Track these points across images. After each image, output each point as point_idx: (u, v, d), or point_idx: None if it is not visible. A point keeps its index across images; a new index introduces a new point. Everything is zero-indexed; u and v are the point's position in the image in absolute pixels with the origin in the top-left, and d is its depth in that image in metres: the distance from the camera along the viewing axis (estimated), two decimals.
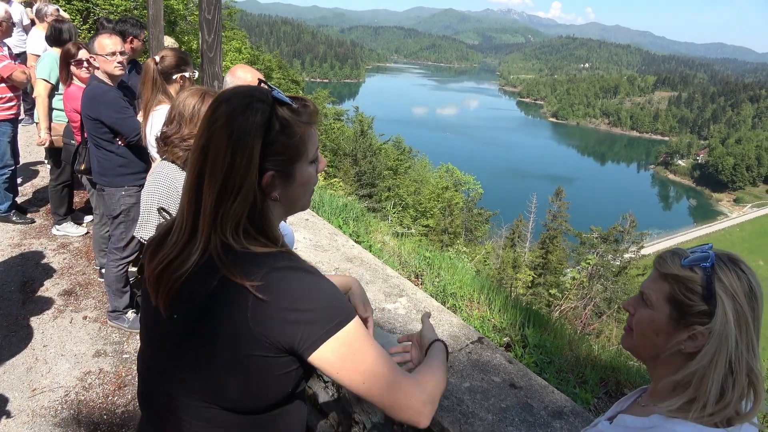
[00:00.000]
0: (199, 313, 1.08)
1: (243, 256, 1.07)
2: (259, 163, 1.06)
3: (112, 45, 3.53)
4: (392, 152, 40.19)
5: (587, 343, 4.08)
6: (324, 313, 1.06)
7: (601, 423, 1.24)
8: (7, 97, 4.83)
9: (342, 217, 5.03)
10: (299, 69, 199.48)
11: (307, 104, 1.15)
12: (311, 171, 1.18)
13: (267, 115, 1.07)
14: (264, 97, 1.09)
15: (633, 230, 34.82)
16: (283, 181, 1.12)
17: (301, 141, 1.12)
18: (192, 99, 2.32)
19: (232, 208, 1.06)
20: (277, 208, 1.16)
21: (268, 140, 1.07)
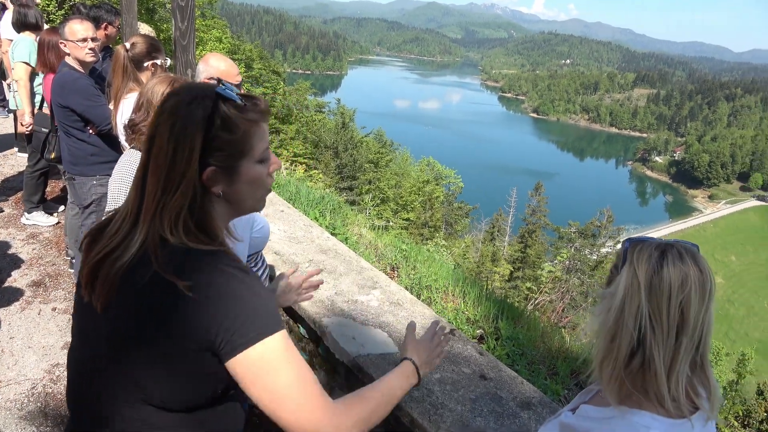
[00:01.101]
0: (129, 307, 1.07)
1: (178, 251, 1.06)
2: (201, 158, 1.07)
3: (83, 31, 3.45)
4: (373, 145, 40.13)
5: (560, 336, 4.13)
6: (248, 321, 1.04)
7: (564, 413, 1.26)
8: None
9: (318, 209, 5.00)
10: (281, 60, 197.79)
11: (257, 102, 1.15)
12: (259, 170, 1.17)
13: (209, 110, 1.07)
14: (209, 92, 1.10)
15: (610, 225, 35.32)
16: (227, 178, 1.12)
17: (244, 137, 1.11)
18: (160, 86, 2.28)
19: (172, 200, 1.06)
20: (221, 206, 1.15)
21: (210, 135, 1.07)
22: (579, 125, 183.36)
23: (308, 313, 2.68)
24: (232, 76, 2.91)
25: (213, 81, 2.89)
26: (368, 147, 38.00)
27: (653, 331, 1.06)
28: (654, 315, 1.06)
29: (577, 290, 19.94)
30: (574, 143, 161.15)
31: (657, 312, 1.05)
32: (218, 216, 1.15)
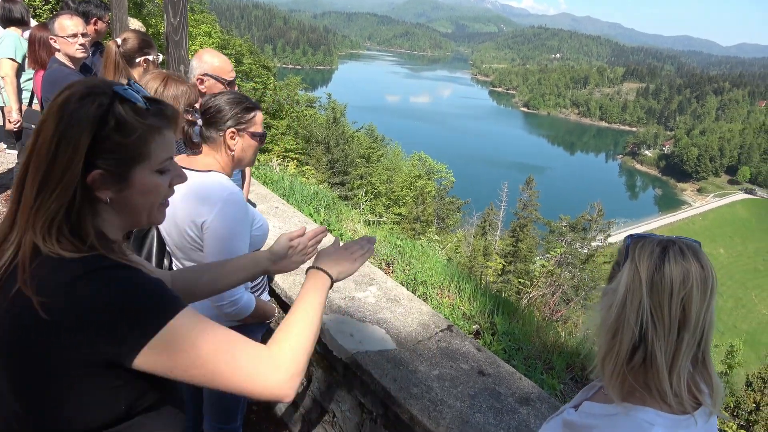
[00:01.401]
0: (2, 319, 0.98)
1: (47, 262, 0.96)
2: (88, 159, 0.98)
3: (74, 26, 3.39)
4: (365, 140, 40.09)
5: (554, 330, 4.15)
6: (138, 314, 0.95)
7: (566, 410, 1.26)
8: None
9: (313, 206, 4.98)
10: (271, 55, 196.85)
11: (163, 108, 1.08)
12: (156, 180, 1.08)
13: (103, 109, 0.99)
14: (106, 90, 1.01)
15: (600, 219, 35.53)
16: (115, 184, 1.03)
17: (140, 143, 1.03)
18: (154, 82, 2.25)
19: (48, 201, 0.97)
20: (110, 214, 1.06)
21: (101, 136, 0.98)
22: (569, 119, 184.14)
23: None
24: (226, 72, 2.89)
25: (206, 78, 2.87)
26: (359, 142, 37.95)
27: (655, 328, 1.06)
28: (655, 311, 1.06)
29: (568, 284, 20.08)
30: (565, 137, 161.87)
31: (658, 308, 1.06)
32: (106, 224, 1.06)
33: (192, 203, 1.85)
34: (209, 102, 1.91)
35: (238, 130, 1.94)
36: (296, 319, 1.16)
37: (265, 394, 1.04)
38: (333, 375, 2.66)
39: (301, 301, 1.22)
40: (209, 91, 2.86)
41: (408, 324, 2.66)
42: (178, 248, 1.97)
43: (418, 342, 2.52)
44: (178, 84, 2.29)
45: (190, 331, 0.98)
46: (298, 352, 1.09)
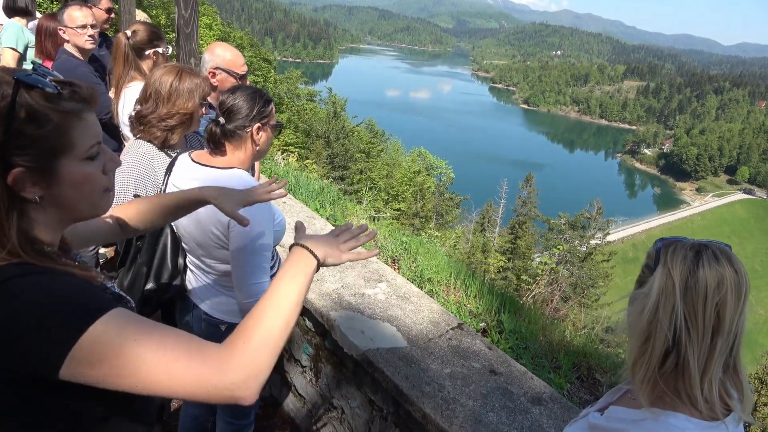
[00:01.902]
0: None
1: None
2: (4, 157, 0.89)
3: (83, 17, 3.37)
4: (365, 135, 40.03)
5: (560, 329, 4.15)
6: (52, 323, 0.84)
7: (591, 414, 1.25)
8: None
9: (319, 201, 4.97)
10: (271, 48, 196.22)
11: (76, 89, 0.96)
12: (86, 169, 0.99)
13: (9, 101, 0.88)
14: (7, 78, 0.90)
15: (599, 217, 35.59)
16: (42, 180, 0.94)
17: (58, 132, 0.93)
18: (168, 77, 2.23)
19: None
20: (42, 213, 0.97)
21: (12, 130, 0.88)
22: (569, 117, 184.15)
23: (315, 306, 2.67)
24: (238, 66, 2.87)
25: (218, 72, 2.85)
26: (360, 137, 37.91)
27: (688, 333, 1.05)
28: (689, 316, 1.05)
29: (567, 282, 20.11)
30: (564, 135, 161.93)
31: (692, 313, 1.05)
32: (36, 225, 0.97)
33: None
34: (228, 100, 1.89)
35: (263, 125, 1.93)
36: (264, 309, 1.00)
37: (218, 399, 0.91)
38: (342, 371, 2.66)
39: (274, 287, 1.05)
40: (221, 85, 2.85)
41: (418, 321, 2.65)
42: (200, 246, 1.96)
43: (429, 340, 2.51)
44: (193, 77, 2.28)
45: (114, 337, 0.86)
46: (259, 349, 0.94)
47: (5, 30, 4.50)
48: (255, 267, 1.87)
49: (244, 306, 1.92)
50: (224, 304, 2.08)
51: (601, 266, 30.58)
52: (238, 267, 1.88)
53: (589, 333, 5.48)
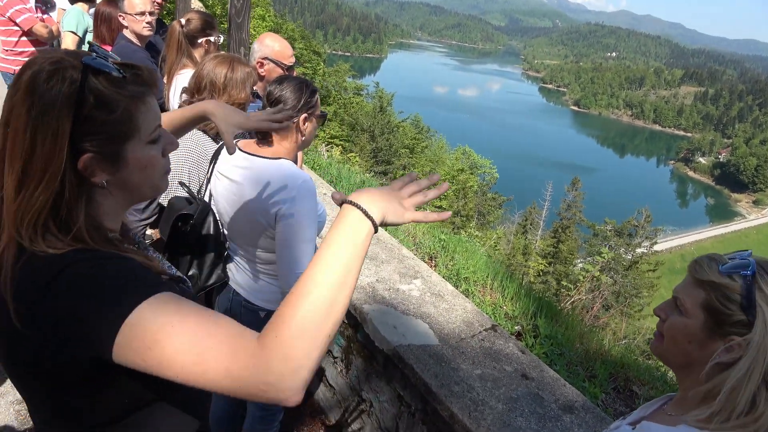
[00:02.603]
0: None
1: (31, 262, 0.88)
2: (74, 143, 0.88)
3: (142, 4, 3.48)
4: (410, 131, 39.96)
5: (598, 337, 4.05)
6: (108, 300, 0.84)
7: (622, 427, 1.21)
8: (29, 51, 4.80)
9: None
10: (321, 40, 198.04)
11: (138, 72, 0.96)
12: (150, 152, 0.99)
13: (77, 86, 0.87)
14: (74, 63, 0.89)
15: (647, 225, 34.56)
16: (110, 166, 0.94)
17: (126, 117, 0.93)
18: (222, 68, 2.27)
19: (33, 196, 0.87)
20: (107, 197, 0.98)
21: (82, 116, 0.88)
22: (621, 121, 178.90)
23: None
24: (286, 57, 2.91)
25: (266, 62, 2.89)
26: (404, 132, 37.86)
27: None
28: None
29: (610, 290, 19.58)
30: (615, 139, 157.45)
31: None
32: (102, 210, 0.98)
33: (265, 191, 1.87)
34: (275, 91, 1.91)
35: (309, 115, 1.95)
36: (300, 290, 0.85)
37: (256, 398, 0.82)
38: (373, 365, 2.66)
39: (314, 261, 0.89)
40: (268, 75, 2.89)
41: (451, 320, 2.63)
42: (244, 234, 2.00)
43: (461, 339, 2.49)
44: (244, 66, 2.32)
45: (152, 323, 0.82)
46: (295, 340, 0.81)
47: (67, 14, 4.69)
48: (300, 256, 1.89)
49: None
50: (264, 292, 2.11)
51: (647, 276, 29.68)
52: (284, 256, 1.90)
53: (629, 343, 5.32)
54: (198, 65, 2.39)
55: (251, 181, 1.90)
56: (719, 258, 1.08)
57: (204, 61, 2.39)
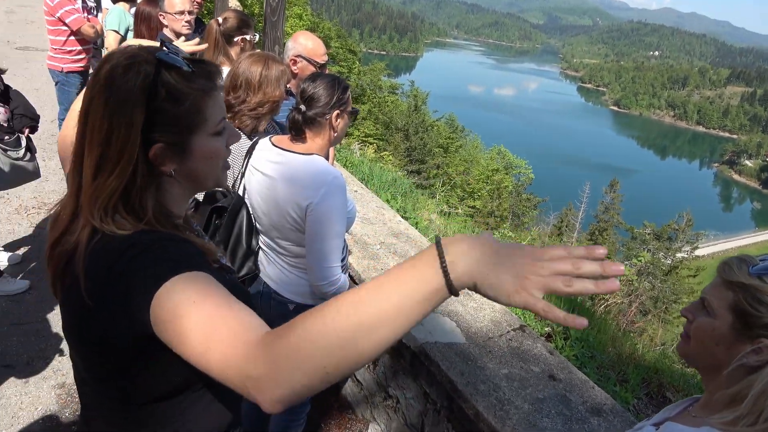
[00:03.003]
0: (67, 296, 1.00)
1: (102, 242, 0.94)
2: (146, 133, 0.95)
3: (181, 4, 3.58)
4: (444, 130, 39.80)
5: (631, 341, 3.97)
6: (150, 272, 0.88)
7: (646, 428, 1.19)
8: (77, 50, 4.99)
9: (390, 192, 5.01)
10: (357, 39, 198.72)
11: (207, 68, 1.02)
12: (215, 144, 1.05)
13: (150, 79, 0.94)
14: (148, 58, 0.95)
15: (688, 229, 33.56)
16: (178, 155, 1.00)
17: (194, 109, 0.98)
18: (257, 66, 2.31)
19: (107, 182, 0.94)
20: (174, 185, 1.04)
21: (153, 108, 0.94)
22: (663, 121, 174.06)
23: None
24: (319, 56, 2.94)
25: (299, 60, 2.93)
26: (439, 131, 37.73)
27: None
28: None
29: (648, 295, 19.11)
30: (656, 140, 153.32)
31: None
32: (170, 197, 1.05)
33: (297, 186, 1.92)
34: (309, 88, 1.95)
35: (341, 112, 1.98)
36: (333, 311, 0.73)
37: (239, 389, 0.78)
38: (400, 362, 2.68)
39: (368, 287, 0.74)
40: (301, 72, 2.93)
41: (479, 319, 2.62)
42: (276, 228, 2.04)
43: (489, 338, 2.48)
44: (278, 64, 2.36)
45: (178, 296, 0.84)
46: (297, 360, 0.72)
47: (110, 14, 4.85)
48: (329, 250, 1.94)
49: (317, 288, 2.01)
50: (294, 285, 2.15)
51: (687, 281, 28.83)
52: (313, 250, 1.95)
53: (665, 349, 5.20)
54: (233, 63, 2.43)
55: (283, 176, 1.95)
56: (750, 259, 1.05)
57: (239, 60, 2.44)
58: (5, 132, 3.24)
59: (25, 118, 3.44)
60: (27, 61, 8.63)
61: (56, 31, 4.86)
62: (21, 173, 3.36)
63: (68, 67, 4.98)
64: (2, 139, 3.21)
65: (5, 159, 3.22)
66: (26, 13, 12.45)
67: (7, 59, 8.36)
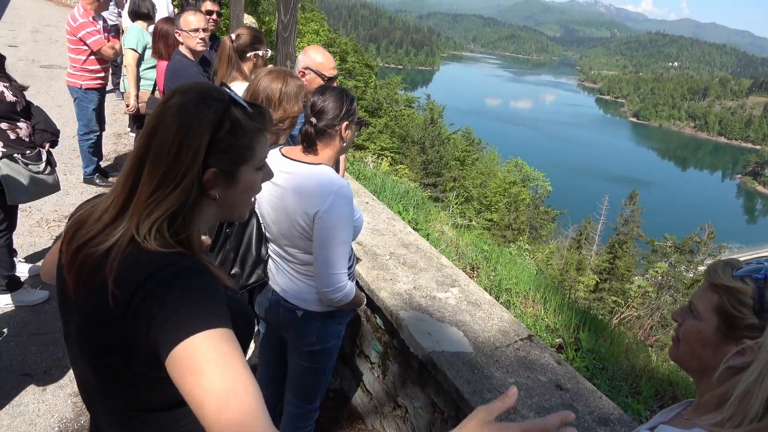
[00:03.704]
0: (90, 298, 1.04)
1: (136, 253, 1.01)
2: (204, 159, 1.05)
3: (196, 22, 3.68)
4: (461, 143, 39.82)
5: (645, 353, 3.92)
6: (182, 316, 0.94)
7: (641, 430, 1.20)
8: (96, 68, 5.14)
9: (402, 204, 5.04)
10: (374, 54, 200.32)
11: (262, 111, 1.16)
12: (256, 177, 1.17)
13: (220, 113, 1.06)
14: (220, 96, 1.09)
15: (711, 242, 32.97)
16: (225, 182, 1.11)
17: (249, 144, 1.11)
18: (276, 83, 2.35)
19: (168, 197, 1.03)
20: (211, 209, 1.14)
21: (217, 137, 1.05)
22: (683, 133, 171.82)
23: (386, 304, 2.72)
24: (327, 69, 3.00)
25: (308, 72, 3.00)
26: (455, 144, 37.76)
27: None
28: None
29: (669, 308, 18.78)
30: (677, 152, 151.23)
31: None
32: (203, 219, 1.13)
33: (305, 195, 1.97)
34: (318, 101, 2.01)
35: (350, 122, 2.05)
36: None
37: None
38: (408, 371, 2.69)
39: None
40: (309, 85, 2.98)
41: (487, 329, 2.63)
42: (285, 236, 2.09)
43: (496, 348, 2.48)
44: (295, 80, 2.42)
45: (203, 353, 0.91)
46: None
47: (128, 32, 5.00)
48: (336, 258, 1.99)
49: (323, 295, 2.05)
50: (302, 292, 2.19)
51: None
52: (319, 257, 2.00)
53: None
54: (252, 80, 2.48)
55: (292, 186, 2.01)
56: (735, 263, 1.07)
57: (258, 77, 2.46)
58: (27, 146, 3.36)
59: (46, 133, 3.56)
60: (51, 79, 8.89)
61: (77, 50, 5.03)
62: (41, 186, 3.47)
63: (87, 84, 5.14)
64: (24, 153, 3.32)
65: (26, 172, 3.33)
66: (51, 32, 12.84)
67: (31, 77, 8.63)
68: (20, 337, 3.33)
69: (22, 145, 3.33)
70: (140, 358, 0.98)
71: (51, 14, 15.56)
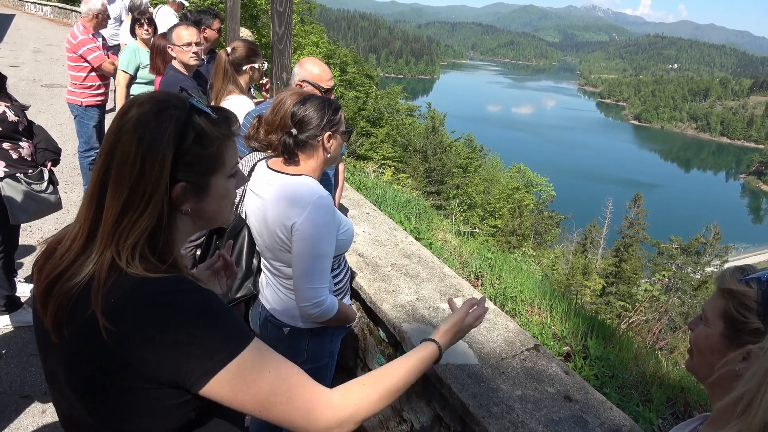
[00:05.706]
0: (77, 335, 0.96)
1: (124, 281, 0.95)
2: (171, 173, 0.98)
3: (188, 36, 3.66)
4: (463, 150, 39.85)
5: (656, 359, 3.84)
6: (213, 343, 0.94)
7: None
8: (96, 85, 5.14)
9: (404, 213, 5.00)
10: (374, 64, 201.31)
11: (228, 116, 1.10)
12: (228, 186, 1.11)
13: (182, 123, 0.99)
14: (180, 104, 1.02)
15: (717, 242, 32.76)
16: (196, 194, 1.05)
17: (217, 153, 1.05)
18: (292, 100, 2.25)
19: (138, 220, 0.97)
20: (185, 223, 1.08)
21: (182, 149, 0.99)
22: (685, 134, 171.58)
23: (389, 317, 2.67)
24: (324, 81, 2.97)
25: (305, 84, 2.96)
26: (457, 152, 37.79)
27: None
28: None
29: (677, 311, 18.63)
30: (679, 153, 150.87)
31: None
32: (180, 235, 1.08)
33: (282, 206, 1.91)
34: (299, 111, 1.95)
35: (333, 132, 1.98)
36: (384, 381, 1.17)
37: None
38: (412, 385, 2.62)
39: (401, 367, 1.23)
40: None
41: (492, 340, 2.57)
42: (268, 249, 2.04)
43: (502, 359, 2.43)
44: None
45: (254, 366, 0.97)
46: (362, 409, 1.09)
47: (122, 53, 4.99)
48: (313, 272, 1.90)
49: (302, 310, 1.97)
50: (288, 308, 2.12)
51: None
52: (297, 270, 1.92)
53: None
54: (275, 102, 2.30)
55: (273, 197, 1.94)
56: (746, 268, 1.03)
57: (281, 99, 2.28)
58: (29, 166, 3.35)
59: (48, 152, 3.55)
60: (52, 98, 8.93)
61: (77, 67, 5.03)
62: (43, 205, 3.45)
63: (87, 101, 5.13)
64: (26, 172, 3.31)
65: (28, 191, 3.31)
66: (52, 51, 12.93)
67: (33, 96, 8.67)
68: (20, 357, 3.29)
69: (25, 164, 3.32)
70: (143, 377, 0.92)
71: (53, 34, 15.70)
